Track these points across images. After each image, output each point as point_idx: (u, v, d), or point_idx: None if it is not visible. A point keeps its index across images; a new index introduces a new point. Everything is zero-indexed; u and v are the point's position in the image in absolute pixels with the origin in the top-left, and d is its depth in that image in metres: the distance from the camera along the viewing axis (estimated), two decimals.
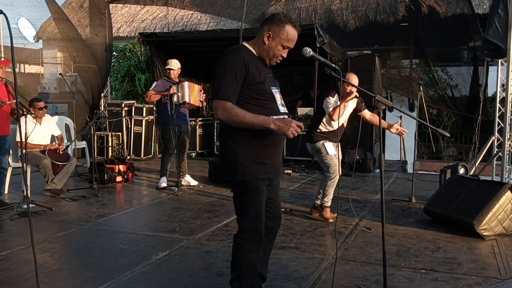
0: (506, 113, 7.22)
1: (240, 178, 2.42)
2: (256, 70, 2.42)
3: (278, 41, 2.43)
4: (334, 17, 11.28)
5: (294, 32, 2.45)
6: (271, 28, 2.44)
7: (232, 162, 2.43)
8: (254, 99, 2.41)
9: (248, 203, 2.45)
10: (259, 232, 2.48)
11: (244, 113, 2.32)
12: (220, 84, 2.35)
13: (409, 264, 3.53)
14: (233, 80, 2.34)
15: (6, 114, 5.24)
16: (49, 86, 10.90)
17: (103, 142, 8.83)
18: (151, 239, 4.12)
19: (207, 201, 5.64)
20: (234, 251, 2.54)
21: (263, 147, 2.43)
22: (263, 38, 2.45)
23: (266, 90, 2.44)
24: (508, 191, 4.19)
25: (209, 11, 13.13)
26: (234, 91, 2.35)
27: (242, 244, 2.48)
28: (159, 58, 9.61)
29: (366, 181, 7.15)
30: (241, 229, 2.49)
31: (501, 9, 6.84)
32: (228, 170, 2.49)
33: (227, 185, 2.58)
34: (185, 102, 6.09)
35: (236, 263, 2.53)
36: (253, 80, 2.39)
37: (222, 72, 2.37)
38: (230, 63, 2.36)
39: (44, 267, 3.37)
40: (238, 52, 2.41)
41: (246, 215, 2.46)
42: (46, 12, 9.65)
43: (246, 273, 2.50)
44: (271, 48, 2.45)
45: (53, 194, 5.66)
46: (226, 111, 2.33)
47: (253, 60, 2.44)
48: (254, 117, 2.32)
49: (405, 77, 10.69)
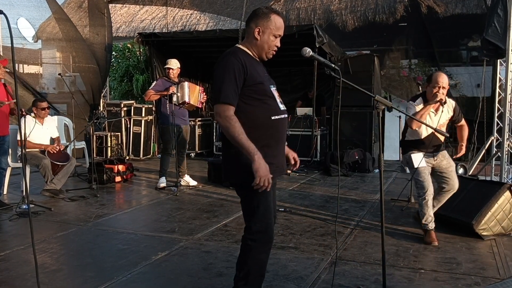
0: (505, 113, 7.23)
1: (247, 179, 2.39)
2: (255, 70, 2.42)
3: (269, 33, 2.45)
4: (333, 17, 11.29)
5: (280, 20, 2.48)
6: (258, 23, 2.45)
7: (239, 164, 2.41)
8: (255, 100, 2.41)
9: (257, 204, 2.42)
10: (270, 232, 2.48)
11: (240, 133, 2.30)
12: (220, 88, 2.34)
13: (408, 264, 3.54)
14: (232, 82, 2.34)
15: (5, 114, 5.24)
16: (48, 86, 10.90)
17: (102, 142, 8.82)
18: (151, 239, 4.12)
19: (206, 201, 5.64)
20: (242, 251, 2.52)
21: (267, 147, 2.42)
22: (254, 35, 2.46)
23: (266, 90, 2.45)
24: (507, 191, 4.20)
25: (208, 11, 13.13)
26: (234, 94, 2.35)
27: (253, 245, 2.46)
28: (158, 58, 9.61)
29: (365, 181, 7.16)
30: (251, 230, 2.46)
31: (500, 9, 6.85)
32: (235, 172, 2.47)
33: (233, 187, 2.56)
34: (185, 102, 6.09)
35: (244, 263, 2.51)
36: (253, 81, 2.39)
37: (221, 76, 2.36)
38: (228, 66, 2.36)
39: (43, 268, 3.36)
40: (235, 54, 2.41)
41: (256, 216, 2.44)
42: (45, 12, 9.66)
43: (254, 273, 2.49)
44: (265, 42, 2.46)
45: (52, 194, 5.66)
46: (226, 121, 2.32)
47: (250, 60, 2.45)
48: (246, 142, 2.29)
49: (404, 77, 10.70)
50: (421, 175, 4.03)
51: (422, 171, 4.04)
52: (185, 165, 6.61)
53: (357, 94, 7.13)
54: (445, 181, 4.20)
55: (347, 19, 11.13)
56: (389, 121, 11.18)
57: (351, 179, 7.25)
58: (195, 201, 5.69)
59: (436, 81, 3.96)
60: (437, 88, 3.94)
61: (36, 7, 9.49)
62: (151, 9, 14.13)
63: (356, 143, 8.21)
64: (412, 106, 4.12)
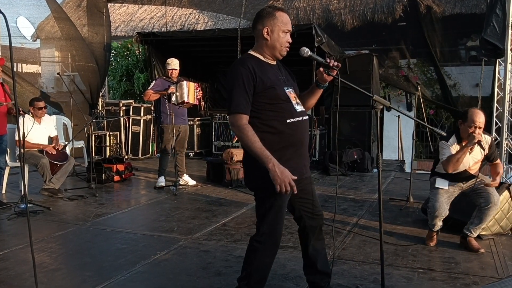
0: (503, 112, 7.24)
1: (263, 183, 2.39)
2: (265, 75, 2.41)
3: (278, 30, 2.44)
4: (332, 16, 11.30)
5: (286, 15, 2.49)
6: (265, 23, 2.44)
7: (256, 168, 2.41)
8: (268, 105, 2.40)
9: (269, 207, 2.43)
10: (277, 237, 2.49)
11: (253, 141, 2.30)
12: (231, 98, 2.36)
13: (406, 263, 3.54)
14: (242, 91, 2.34)
15: (3, 114, 5.23)
16: (47, 85, 10.89)
17: (101, 141, 8.81)
18: (149, 239, 4.12)
19: (205, 201, 5.64)
20: (248, 252, 2.54)
21: (283, 151, 2.41)
22: (263, 36, 2.45)
23: (278, 94, 2.43)
24: (506, 190, 4.20)
25: (207, 10, 13.13)
26: (245, 102, 2.35)
27: (259, 247, 2.48)
28: (157, 57, 9.60)
29: (364, 180, 7.16)
30: (259, 232, 2.48)
31: (498, 9, 6.86)
32: (253, 176, 2.50)
33: (251, 190, 2.57)
34: (184, 101, 6.09)
35: (248, 263, 2.53)
36: (264, 87, 2.39)
37: (231, 86, 2.38)
38: (236, 75, 2.37)
39: (42, 267, 3.36)
40: (242, 63, 2.41)
41: (266, 219, 2.45)
42: (45, 11, 9.63)
43: (256, 275, 2.51)
44: (276, 40, 2.45)
45: (51, 193, 5.65)
46: (239, 130, 2.34)
47: (260, 66, 2.44)
48: (260, 150, 2.29)
49: (403, 77, 10.72)
50: (435, 195, 3.84)
51: (439, 192, 3.84)
52: (184, 165, 6.61)
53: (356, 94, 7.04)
54: (481, 196, 3.84)
55: (346, 18, 11.15)
56: (388, 121, 11.21)
57: (349, 179, 7.25)
58: (194, 200, 5.69)
59: (473, 120, 3.65)
60: (474, 128, 3.63)
61: (36, 6, 9.47)
62: (150, 8, 14.14)
63: (355, 142, 8.22)
64: (446, 147, 3.79)
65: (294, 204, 2.61)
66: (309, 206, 2.63)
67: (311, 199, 2.64)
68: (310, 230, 2.65)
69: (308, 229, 2.65)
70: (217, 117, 9.39)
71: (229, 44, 8.78)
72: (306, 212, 2.63)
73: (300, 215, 2.64)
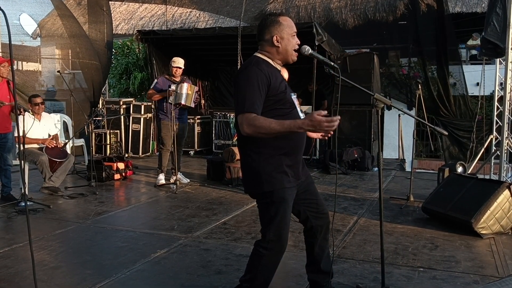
0: (504, 111, 7.23)
1: (267, 188, 2.38)
2: (277, 80, 2.40)
3: (287, 36, 2.45)
4: (333, 15, 11.28)
5: (289, 18, 2.51)
6: (273, 32, 2.44)
7: (257, 174, 2.40)
8: (276, 109, 2.39)
9: (274, 213, 2.41)
10: (283, 242, 2.48)
11: (269, 123, 2.26)
12: (244, 98, 2.30)
13: (407, 262, 3.54)
14: (256, 92, 2.31)
15: (6, 113, 5.23)
16: (47, 83, 10.88)
17: (101, 139, 8.81)
18: (150, 237, 4.12)
19: (205, 199, 5.64)
20: (253, 257, 2.52)
21: (285, 156, 2.41)
22: (274, 43, 2.44)
23: (287, 99, 2.44)
24: (506, 189, 4.20)
25: (208, 8, 13.13)
26: (259, 103, 2.32)
27: (265, 253, 2.46)
28: (157, 56, 9.60)
29: (364, 179, 7.16)
30: (265, 238, 2.45)
31: (499, 8, 6.84)
32: (254, 181, 2.46)
33: (252, 197, 2.55)
34: (180, 103, 6.06)
35: (253, 266, 2.51)
36: (276, 91, 2.38)
37: (244, 86, 2.33)
38: (251, 76, 2.33)
39: (42, 265, 3.36)
40: (257, 64, 2.39)
41: (272, 225, 2.43)
42: (47, 8, 9.60)
43: (260, 278, 2.50)
44: (287, 45, 2.46)
45: (51, 191, 5.65)
46: (251, 125, 2.27)
47: (272, 70, 2.43)
48: (280, 125, 2.25)
49: (403, 75, 10.70)
50: None
51: None
52: (178, 163, 6.50)
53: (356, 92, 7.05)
54: None
55: (347, 17, 11.13)
56: (388, 119, 11.20)
57: (350, 177, 7.24)
58: (194, 199, 5.68)
59: None
60: None
61: (39, 3, 9.45)
62: (150, 7, 14.12)
63: (356, 141, 8.21)
64: None
65: (298, 207, 2.60)
66: (314, 206, 2.64)
67: (315, 199, 2.64)
68: (317, 230, 2.65)
69: (315, 229, 2.65)
70: (217, 116, 9.37)
71: (230, 43, 8.77)
72: (312, 213, 2.63)
73: (306, 217, 2.64)
